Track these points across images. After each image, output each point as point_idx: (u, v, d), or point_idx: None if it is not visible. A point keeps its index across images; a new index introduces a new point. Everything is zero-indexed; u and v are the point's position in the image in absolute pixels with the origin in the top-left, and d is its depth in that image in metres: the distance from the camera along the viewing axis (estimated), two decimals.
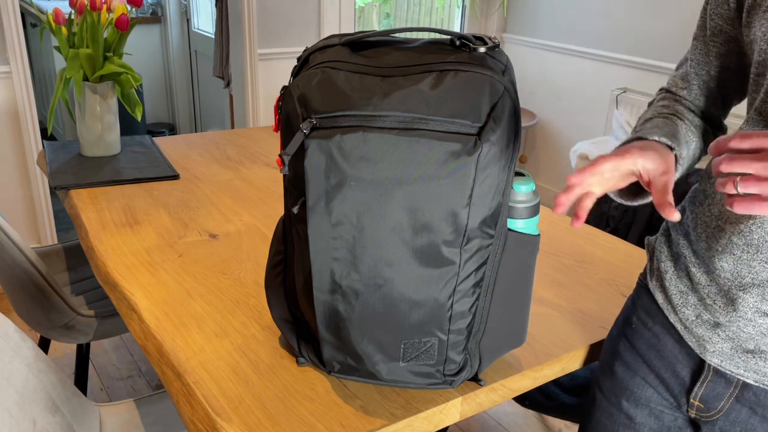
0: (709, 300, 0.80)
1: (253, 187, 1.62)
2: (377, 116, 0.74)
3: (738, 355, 0.79)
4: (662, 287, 0.88)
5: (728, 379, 0.81)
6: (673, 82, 0.95)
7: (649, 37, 3.00)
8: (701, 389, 0.83)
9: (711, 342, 0.81)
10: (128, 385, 2.17)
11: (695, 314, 0.82)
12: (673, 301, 0.86)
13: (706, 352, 0.81)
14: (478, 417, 2.10)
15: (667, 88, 0.96)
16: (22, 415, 0.99)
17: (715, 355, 0.81)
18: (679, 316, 0.85)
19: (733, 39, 0.84)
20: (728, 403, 0.81)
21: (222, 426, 0.83)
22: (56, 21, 1.63)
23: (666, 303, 0.87)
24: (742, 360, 0.79)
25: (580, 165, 2.93)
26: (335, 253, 0.78)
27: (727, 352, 0.79)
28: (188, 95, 4.43)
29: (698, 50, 0.89)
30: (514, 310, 0.88)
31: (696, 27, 0.90)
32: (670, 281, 0.86)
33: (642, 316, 0.91)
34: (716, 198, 0.80)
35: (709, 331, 0.81)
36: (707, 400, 0.83)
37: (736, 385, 0.80)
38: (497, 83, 0.75)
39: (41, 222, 2.69)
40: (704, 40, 0.87)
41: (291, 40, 3.00)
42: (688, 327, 0.83)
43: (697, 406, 0.84)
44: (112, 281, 1.16)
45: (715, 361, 0.81)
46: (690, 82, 0.92)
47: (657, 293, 0.89)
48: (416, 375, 0.85)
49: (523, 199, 0.84)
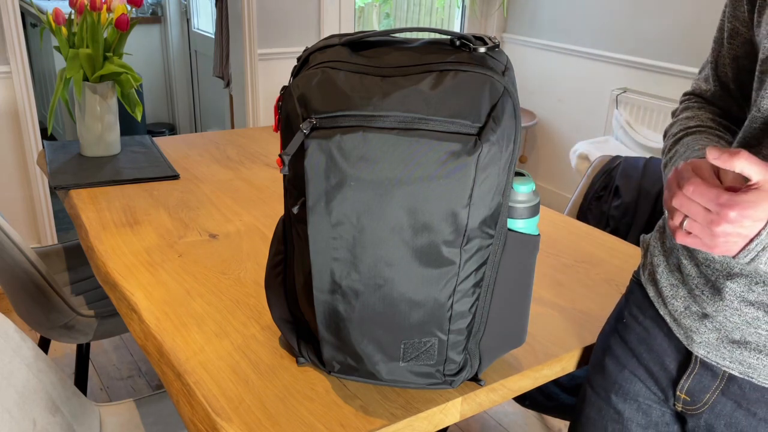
0: (698, 291, 0.81)
1: (253, 187, 1.62)
2: (377, 116, 0.74)
3: (724, 345, 0.79)
4: (654, 281, 0.89)
5: (714, 371, 0.81)
6: (697, 85, 0.96)
7: (649, 37, 3.00)
8: (687, 382, 0.84)
9: (698, 333, 0.81)
10: (128, 385, 2.17)
11: (684, 306, 0.83)
12: (663, 294, 0.86)
13: (693, 343, 0.82)
14: (478, 417, 2.10)
15: (691, 91, 0.97)
16: (22, 415, 0.99)
17: (701, 346, 0.81)
18: (668, 309, 0.86)
19: (748, 41, 0.85)
20: (714, 396, 0.82)
21: (222, 426, 0.83)
22: (56, 21, 1.63)
23: (657, 296, 0.88)
24: (728, 351, 0.79)
25: (580, 165, 2.93)
26: (335, 253, 0.78)
27: (713, 342, 0.80)
28: (188, 95, 4.43)
29: (717, 52, 0.90)
30: (514, 310, 0.88)
31: (716, 29, 0.91)
32: (662, 274, 0.87)
33: (633, 310, 0.92)
34: None
35: (697, 322, 0.81)
36: (693, 392, 0.84)
37: (722, 378, 0.81)
38: (497, 83, 0.75)
39: (41, 222, 2.69)
40: (722, 42, 0.88)
41: (291, 40, 3.00)
42: (677, 319, 0.84)
43: (684, 399, 0.85)
44: (112, 281, 1.16)
45: (702, 353, 0.81)
46: (712, 84, 0.92)
47: (649, 287, 0.90)
48: (416, 375, 0.85)
49: (523, 199, 0.84)
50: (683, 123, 0.91)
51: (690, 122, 0.90)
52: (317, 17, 3.01)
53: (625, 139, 3.02)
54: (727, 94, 0.91)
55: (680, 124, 0.92)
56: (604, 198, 1.91)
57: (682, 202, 0.66)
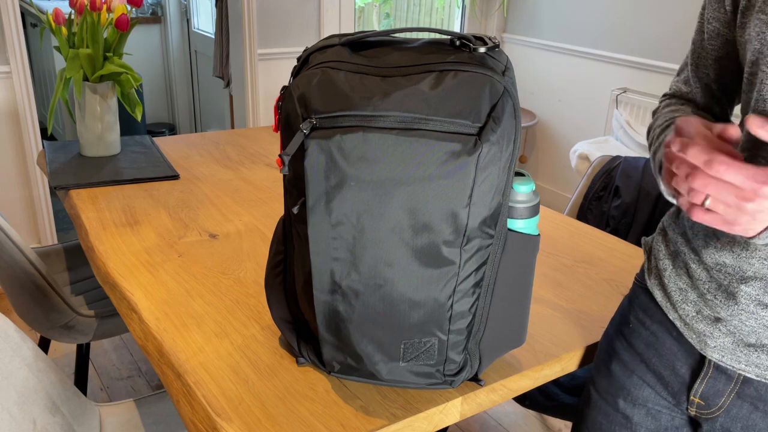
0: (710, 295, 0.80)
1: (253, 187, 1.62)
2: (377, 116, 0.74)
3: (739, 349, 0.79)
4: (661, 285, 0.88)
5: (729, 374, 0.81)
6: (677, 87, 0.95)
7: (649, 37, 3.00)
8: (701, 386, 0.83)
9: (712, 337, 0.81)
10: (128, 385, 2.17)
11: (695, 310, 0.82)
12: (672, 298, 0.86)
13: (707, 347, 0.81)
14: (478, 417, 2.10)
15: (671, 93, 0.96)
16: (22, 415, 0.99)
17: (716, 350, 0.81)
18: (678, 313, 0.85)
19: (730, 42, 0.84)
20: (729, 399, 0.81)
21: (222, 426, 0.83)
22: (56, 21, 1.63)
23: (665, 300, 0.87)
24: (743, 354, 0.78)
25: (580, 165, 2.93)
26: (335, 253, 0.77)
27: (728, 346, 0.79)
28: (188, 95, 4.43)
29: (697, 54, 0.89)
30: (514, 310, 0.88)
31: (694, 31, 0.90)
32: (669, 278, 0.86)
33: (640, 315, 0.91)
34: None
35: (710, 326, 0.81)
36: (708, 396, 0.83)
37: (737, 381, 0.80)
38: (497, 83, 0.75)
39: (41, 222, 2.69)
40: (702, 44, 0.88)
41: (291, 40, 3.00)
42: (688, 323, 0.83)
43: (698, 404, 0.84)
44: (112, 281, 1.16)
45: (716, 357, 0.81)
46: (693, 86, 0.92)
47: (656, 291, 0.89)
48: (416, 375, 0.85)
49: (523, 199, 0.84)
50: (668, 115, 0.90)
51: (675, 114, 0.89)
52: (317, 17, 3.01)
53: (625, 139, 3.02)
54: (709, 95, 0.90)
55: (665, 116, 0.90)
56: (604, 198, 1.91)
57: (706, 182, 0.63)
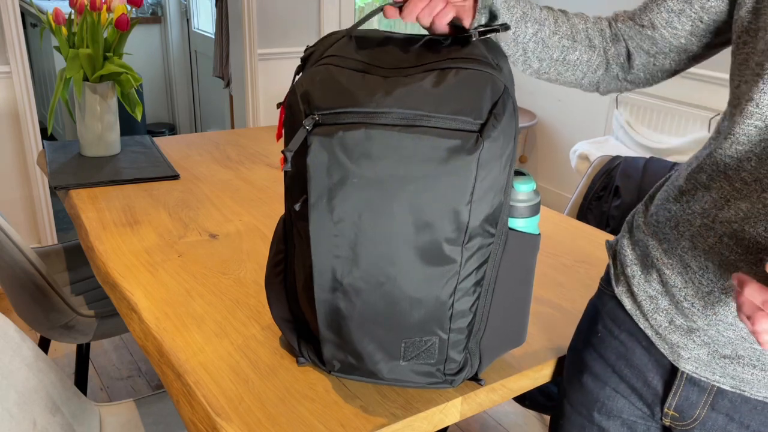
0: (686, 303, 0.76)
1: (253, 187, 1.61)
2: (379, 113, 0.74)
3: (715, 360, 0.76)
4: (630, 293, 0.84)
5: (702, 386, 0.78)
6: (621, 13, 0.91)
7: None
8: (675, 398, 0.81)
9: (686, 348, 0.78)
10: (128, 385, 2.17)
11: (668, 320, 0.79)
12: (642, 307, 0.82)
13: (680, 359, 0.79)
14: (478, 417, 2.10)
15: (606, 17, 0.92)
16: (22, 415, 0.98)
17: (689, 361, 0.78)
18: (650, 323, 0.81)
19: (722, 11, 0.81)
20: (704, 411, 0.79)
21: (222, 426, 0.83)
22: (56, 21, 1.63)
23: (635, 309, 0.84)
24: (719, 366, 0.76)
25: (580, 165, 2.93)
26: (337, 250, 0.77)
27: (703, 358, 0.77)
28: (188, 95, 4.43)
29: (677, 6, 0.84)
30: (514, 309, 0.88)
31: None
32: (638, 286, 0.83)
33: (608, 323, 0.88)
34: (697, 195, 0.76)
35: (684, 336, 0.78)
36: (682, 409, 0.81)
37: (710, 392, 0.78)
38: (498, 81, 0.76)
39: (41, 222, 2.69)
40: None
41: (291, 40, 3.00)
42: (661, 333, 0.80)
43: (672, 416, 0.82)
44: (112, 281, 1.16)
45: (689, 368, 0.78)
46: (638, 16, 0.87)
47: (624, 299, 0.85)
48: (417, 374, 0.85)
49: (524, 198, 0.84)
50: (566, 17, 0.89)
51: (570, 18, 0.89)
52: (317, 17, 3.01)
53: (625, 139, 3.02)
54: (650, 33, 0.86)
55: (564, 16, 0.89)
56: (604, 198, 1.91)
57: None
